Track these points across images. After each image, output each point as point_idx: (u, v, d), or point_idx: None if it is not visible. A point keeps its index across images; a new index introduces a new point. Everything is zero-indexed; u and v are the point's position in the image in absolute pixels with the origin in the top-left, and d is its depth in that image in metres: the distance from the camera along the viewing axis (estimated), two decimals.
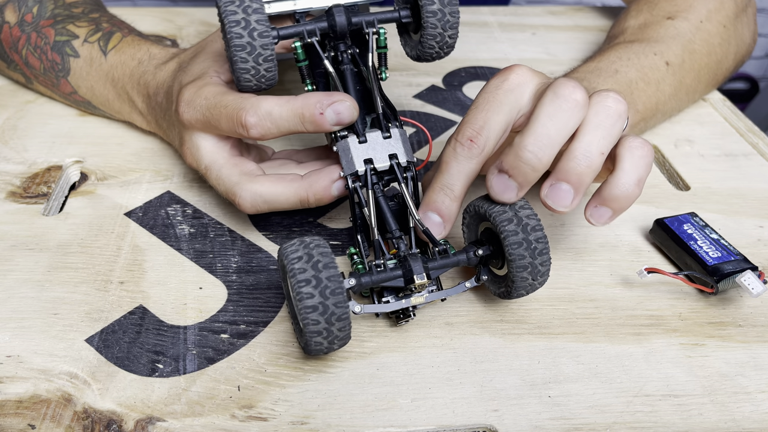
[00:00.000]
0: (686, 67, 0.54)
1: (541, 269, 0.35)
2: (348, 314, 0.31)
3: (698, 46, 0.55)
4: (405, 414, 0.33)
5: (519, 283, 0.35)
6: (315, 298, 0.30)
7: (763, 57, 1.71)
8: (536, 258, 0.34)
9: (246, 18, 0.36)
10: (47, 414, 0.32)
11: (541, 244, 0.34)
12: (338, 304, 0.31)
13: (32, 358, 0.35)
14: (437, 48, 0.40)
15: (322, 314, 0.31)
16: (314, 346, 0.32)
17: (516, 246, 0.34)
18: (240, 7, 0.36)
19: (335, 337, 0.32)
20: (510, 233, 0.34)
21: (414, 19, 0.41)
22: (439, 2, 0.39)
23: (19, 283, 0.40)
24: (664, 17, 0.56)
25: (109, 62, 0.51)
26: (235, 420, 0.33)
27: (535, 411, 0.34)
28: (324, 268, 0.31)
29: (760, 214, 0.48)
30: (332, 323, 0.31)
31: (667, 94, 0.52)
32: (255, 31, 0.36)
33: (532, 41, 0.71)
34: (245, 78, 0.37)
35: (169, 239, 0.43)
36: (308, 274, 0.31)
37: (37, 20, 0.53)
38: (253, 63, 0.37)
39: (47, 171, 0.49)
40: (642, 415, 0.34)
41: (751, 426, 0.33)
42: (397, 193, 0.39)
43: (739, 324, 0.39)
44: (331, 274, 0.31)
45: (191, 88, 0.41)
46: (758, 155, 0.54)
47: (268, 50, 0.37)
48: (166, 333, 0.37)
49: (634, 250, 0.44)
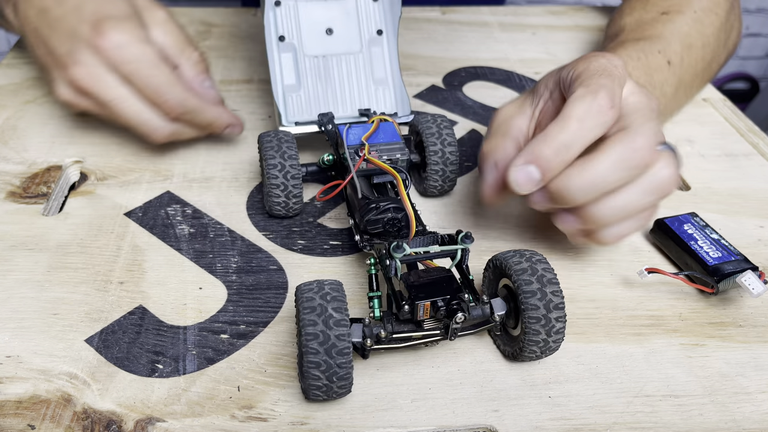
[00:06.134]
0: (685, 63, 0.54)
1: (553, 345, 0.34)
2: (350, 374, 0.31)
3: (694, 39, 0.55)
4: (405, 414, 0.33)
5: (527, 354, 0.34)
6: (319, 355, 0.30)
7: (763, 57, 1.71)
8: (551, 336, 0.33)
9: (282, 162, 0.43)
10: (47, 414, 0.32)
11: (559, 323, 0.33)
12: (342, 365, 0.31)
13: (32, 359, 0.35)
14: (440, 184, 0.47)
15: (324, 372, 0.31)
16: (311, 396, 0.32)
17: (534, 322, 0.33)
18: (278, 152, 0.43)
19: (333, 392, 0.32)
20: (531, 308, 0.33)
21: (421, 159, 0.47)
22: (440, 143, 0.45)
23: (18, 284, 0.39)
24: (659, 12, 0.56)
25: None
26: (235, 420, 0.33)
27: (536, 411, 0.34)
28: (335, 326, 0.31)
29: (761, 214, 0.48)
30: (333, 381, 0.31)
31: (669, 95, 0.52)
32: (288, 174, 0.43)
33: (532, 41, 0.71)
34: (276, 209, 0.44)
35: (168, 239, 0.43)
36: (318, 328, 0.31)
37: None
38: (285, 198, 0.43)
39: (47, 171, 0.49)
40: (642, 416, 0.34)
41: (751, 426, 0.33)
42: None
43: (740, 324, 0.39)
44: (340, 332, 0.31)
45: (123, 33, 0.44)
46: (758, 155, 0.54)
47: (297, 188, 0.43)
48: (166, 333, 0.37)
49: (635, 250, 0.44)
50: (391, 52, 0.51)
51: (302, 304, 0.32)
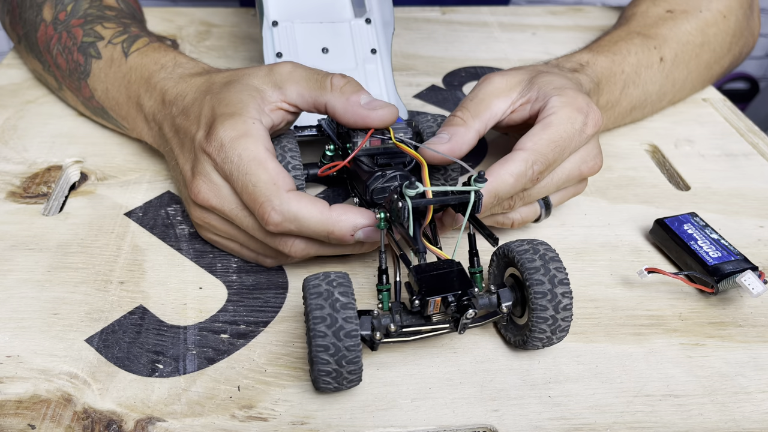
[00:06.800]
0: (678, 60, 0.55)
1: (562, 324, 0.34)
2: (360, 359, 0.31)
3: (693, 38, 0.56)
4: (405, 414, 0.33)
5: (537, 335, 0.34)
6: (327, 338, 0.30)
7: (764, 57, 1.71)
8: (559, 312, 0.34)
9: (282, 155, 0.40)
10: (47, 414, 0.32)
11: (566, 299, 0.33)
12: (351, 348, 0.31)
13: (32, 358, 0.35)
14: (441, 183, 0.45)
15: (333, 355, 0.30)
16: (322, 384, 0.32)
17: (540, 296, 0.33)
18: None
19: (344, 378, 0.32)
20: (536, 283, 0.33)
21: None
22: None
23: (19, 283, 0.40)
24: (666, 9, 0.57)
25: (129, 64, 0.47)
26: (235, 420, 0.33)
27: (536, 411, 0.34)
28: (342, 308, 0.31)
29: (760, 214, 0.48)
30: (342, 366, 0.31)
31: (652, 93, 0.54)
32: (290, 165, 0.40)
33: (532, 41, 0.71)
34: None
35: (169, 239, 0.43)
36: (325, 312, 0.31)
37: (69, 19, 0.50)
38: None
39: (47, 171, 0.49)
40: (642, 416, 0.34)
41: (751, 426, 0.33)
42: None
43: (740, 324, 0.39)
44: (347, 315, 0.31)
45: (230, 129, 0.37)
46: (758, 155, 0.54)
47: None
48: (166, 333, 0.37)
49: (635, 250, 0.44)
50: (386, 69, 0.53)
51: (309, 291, 0.32)
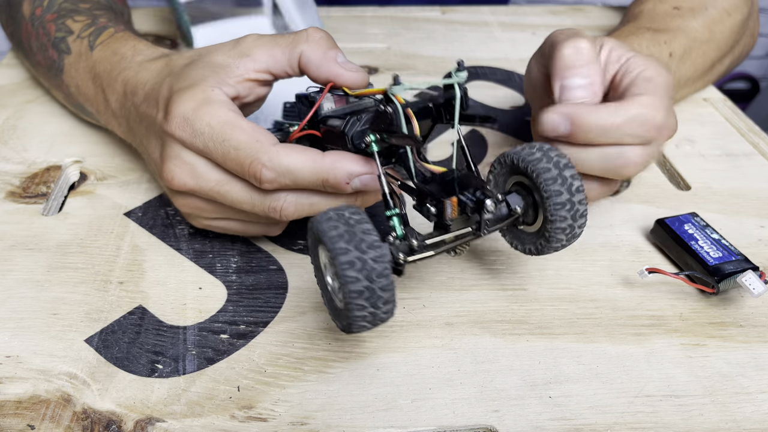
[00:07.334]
0: (686, 57, 0.55)
1: (578, 231, 0.35)
2: (394, 294, 0.29)
3: (700, 35, 0.56)
4: (405, 414, 0.33)
5: (553, 244, 0.35)
6: (360, 282, 0.28)
7: (764, 57, 1.71)
8: (576, 220, 0.34)
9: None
10: (47, 414, 0.32)
11: (582, 206, 0.34)
12: (385, 287, 0.29)
13: (32, 359, 0.35)
14: None
15: (369, 299, 0.28)
16: (357, 327, 0.29)
17: (560, 207, 0.33)
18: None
19: (379, 318, 0.29)
20: (554, 194, 0.33)
21: None
22: None
23: (18, 283, 0.39)
24: (672, 6, 0.57)
25: (94, 57, 0.45)
26: (234, 420, 0.33)
27: (536, 411, 0.34)
28: (368, 249, 0.29)
29: (761, 214, 0.48)
30: (378, 307, 0.29)
31: None
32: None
33: (532, 41, 0.71)
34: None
35: (168, 239, 0.43)
36: (352, 255, 0.28)
37: (45, 14, 0.49)
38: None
39: (46, 171, 0.49)
40: (643, 416, 0.34)
41: (752, 426, 0.33)
42: None
43: (740, 324, 0.39)
44: (376, 255, 0.29)
45: (188, 101, 0.35)
46: (759, 155, 0.54)
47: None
48: (166, 333, 0.37)
49: (635, 250, 0.44)
50: None
51: (326, 234, 0.29)
